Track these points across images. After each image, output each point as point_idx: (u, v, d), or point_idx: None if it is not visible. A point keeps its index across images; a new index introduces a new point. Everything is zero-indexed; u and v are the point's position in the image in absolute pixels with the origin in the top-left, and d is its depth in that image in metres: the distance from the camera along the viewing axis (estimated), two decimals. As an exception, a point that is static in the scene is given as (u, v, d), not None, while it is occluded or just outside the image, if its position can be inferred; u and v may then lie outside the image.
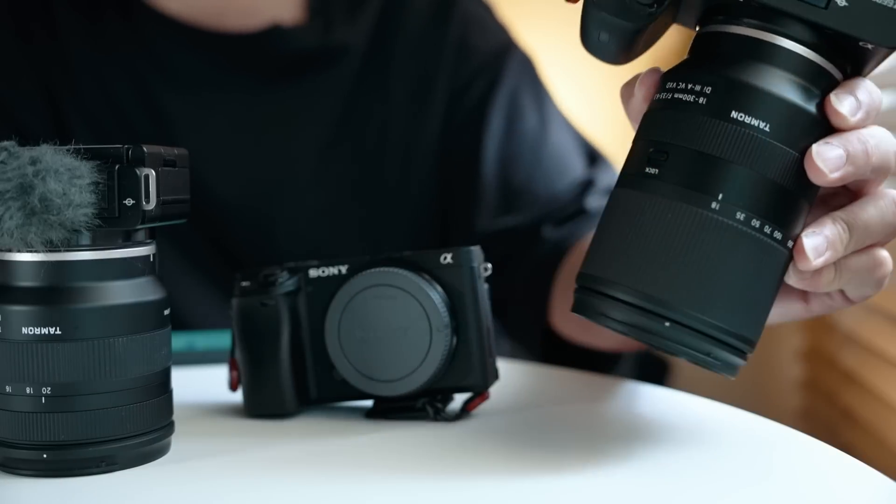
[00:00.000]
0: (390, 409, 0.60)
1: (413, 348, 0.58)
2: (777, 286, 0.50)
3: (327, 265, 0.60)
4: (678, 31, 0.57)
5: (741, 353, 0.49)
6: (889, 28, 0.48)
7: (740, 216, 0.48)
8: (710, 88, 0.49)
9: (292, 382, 0.60)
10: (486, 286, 0.59)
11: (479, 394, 0.60)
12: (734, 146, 0.48)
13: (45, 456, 0.49)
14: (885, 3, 0.48)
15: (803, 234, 0.49)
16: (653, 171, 0.49)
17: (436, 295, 0.58)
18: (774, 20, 0.49)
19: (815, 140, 0.49)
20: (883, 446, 1.29)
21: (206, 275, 0.92)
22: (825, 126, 0.49)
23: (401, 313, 0.58)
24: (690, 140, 0.49)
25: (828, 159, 0.48)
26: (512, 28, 1.02)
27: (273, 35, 0.94)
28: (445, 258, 0.59)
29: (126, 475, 0.50)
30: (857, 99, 0.49)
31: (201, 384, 0.70)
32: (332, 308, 0.59)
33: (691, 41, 0.53)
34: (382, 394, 0.59)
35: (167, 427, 0.53)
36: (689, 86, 0.50)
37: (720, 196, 0.48)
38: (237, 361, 0.62)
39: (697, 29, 0.53)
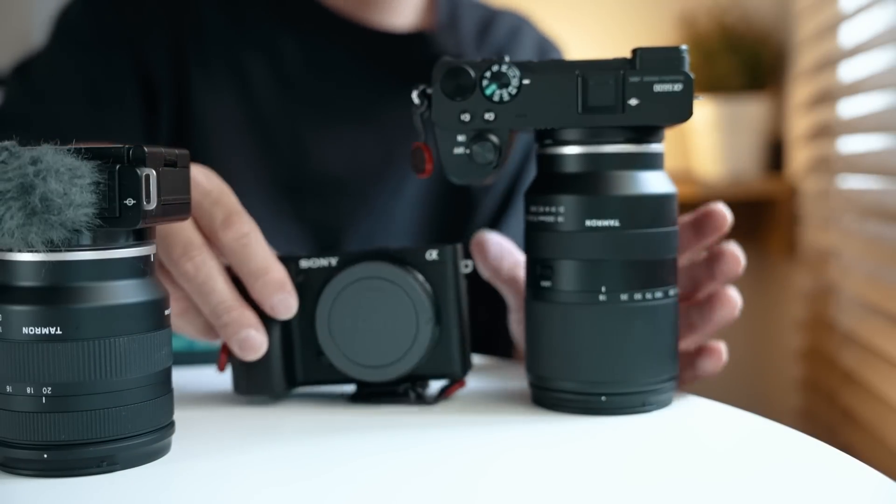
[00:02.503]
0: (374, 394, 0.64)
1: (400, 337, 0.62)
2: (676, 326, 0.62)
3: (318, 257, 0.63)
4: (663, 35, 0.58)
5: (669, 388, 0.62)
6: (678, 109, 0.59)
7: (624, 297, 0.59)
8: (562, 207, 0.59)
9: (281, 365, 0.63)
10: (465, 282, 0.63)
11: (456, 381, 0.64)
12: (598, 246, 0.59)
13: (45, 456, 0.49)
14: (667, 90, 0.58)
15: (730, 290, 0.66)
16: (546, 283, 0.60)
17: (423, 289, 0.62)
18: (591, 135, 0.59)
19: (658, 210, 0.59)
20: (883, 446, 1.29)
21: (290, 241, 0.94)
22: (658, 200, 0.60)
23: (390, 305, 0.61)
24: (563, 253, 0.60)
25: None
26: None
27: (418, 39, 0.99)
28: (431, 254, 0.62)
29: (126, 475, 0.50)
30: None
31: (201, 384, 0.70)
32: (324, 297, 0.62)
33: (536, 158, 0.62)
34: (369, 379, 0.62)
35: (167, 427, 0.53)
36: (546, 208, 0.60)
37: (603, 288, 0.59)
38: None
39: (537, 148, 0.62)
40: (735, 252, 0.66)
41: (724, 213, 0.66)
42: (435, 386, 0.66)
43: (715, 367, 0.67)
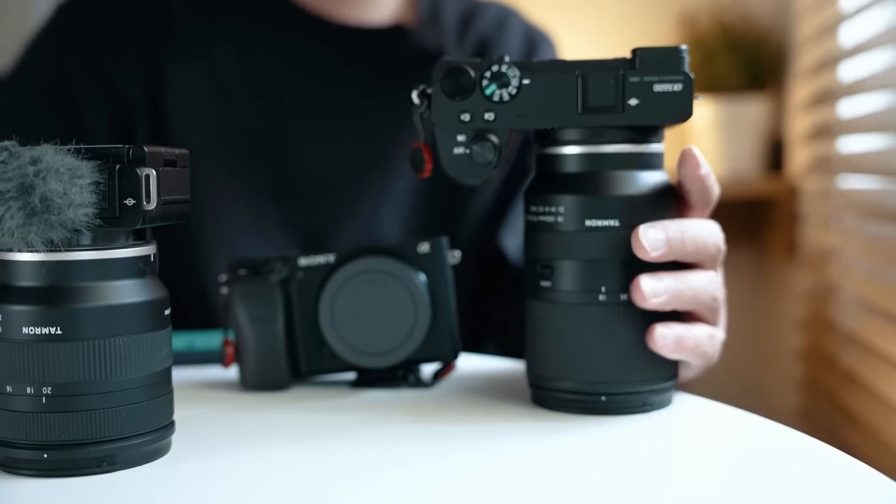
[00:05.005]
0: (374, 379, 0.68)
1: (399, 326, 0.66)
2: None
3: (316, 255, 0.67)
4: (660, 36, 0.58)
5: (669, 388, 0.62)
6: (678, 109, 0.59)
7: (624, 297, 0.59)
8: (562, 207, 0.59)
9: (286, 358, 0.67)
10: (452, 272, 0.68)
11: (448, 364, 0.68)
12: (598, 246, 0.59)
13: (45, 456, 0.49)
14: (667, 90, 0.58)
15: (641, 279, 0.58)
16: (546, 283, 0.60)
17: (420, 280, 0.66)
18: (590, 135, 0.59)
19: (658, 207, 0.59)
20: (883, 446, 1.29)
21: (276, 246, 0.94)
22: (657, 198, 0.59)
23: (390, 296, 0.66)
24: (563, 253, 0.60)
25: (651, 240, 0.58)
26: None
27: (397, 34, 0.98)
28: (423, 247, 0.67)
29: (126, 475, 0.51)
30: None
31: (201, 384, 0.70)
32: (327, 291, 0.66)
33: (535, 158, 0.62)
34: (371, 366, 0.67)
35: (167, 427, 0.53)
36: (546, 208, 0.60)
37: (603, 288, 0.59)
38: (233, 342, 0.67)
39: (537, 147, 0.62)
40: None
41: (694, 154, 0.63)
42: (428, 370, 0.70)
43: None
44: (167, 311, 0.53)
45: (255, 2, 0.96)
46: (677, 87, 0.58)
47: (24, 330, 0.49)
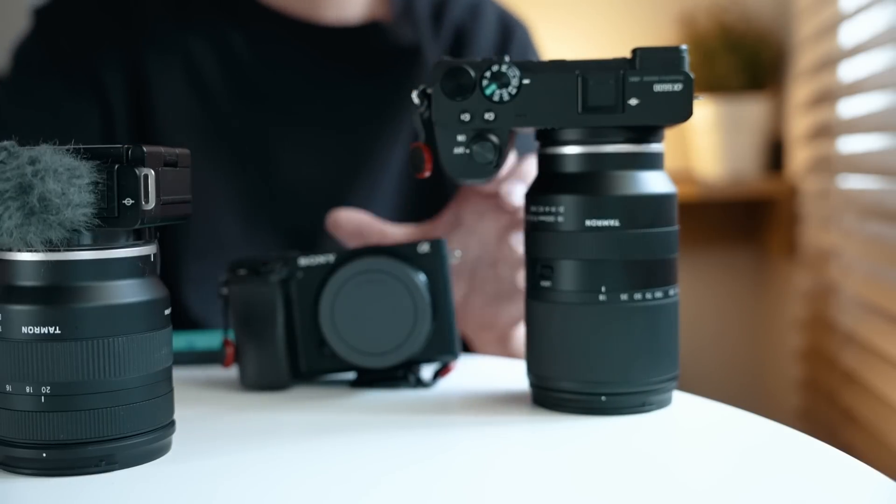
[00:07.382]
0: (374, 379, 0.68)
1: (399, 326, 0.65)
2: (676, 326, 0.61)
3: (316, 255, 0.67)
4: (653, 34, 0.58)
5: (669, 388, 0.62)
6: (678, 109, 0.59)
7: (624, 297, 0.59)
8: (562, 207, 0.59)
9: (286, 358, 0.67)
10: (452, 271, 0.69)
11: (448, 364, 0.68)
12: (598, 246, 0.59)
13: (44, 455, 0.49)
14: (668, 90, 0.58)
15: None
16: (546, 283, 0.60)
17: (420, 280, 0.65)
18: (591, 135, 0.60)
19: (658, 210, 0.59)
20: (883, 446, 1.29)
21: (266, 249, 0.93)
22: (658, 200, 0.59)
23: (390, 296, 0.65)
24: (563, 253, 0.60)
25: None
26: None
27: (372, 30, 0.98)
28: (423, 248, 0.66)
29: (126, 475, 0.50)
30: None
31: (201, 384, 0.70)
32: (327, 291, 0.66)
33: (537, 158, 0.63)
34: (372, 365, 0.66)
35: (168, 426, 0.53)
36: (546, 208, 0.60)
37: (603, 288, 0.59)
38: (233, 342, 0.67)
39: (538, 147, 0.62)
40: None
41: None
42: (428, 370, 0.70)
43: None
44: (167, 311, 0.53)
45: (230, 5, 0.96)
46: (677, 87, 0.58)
47: (24, 329, 0.49)
